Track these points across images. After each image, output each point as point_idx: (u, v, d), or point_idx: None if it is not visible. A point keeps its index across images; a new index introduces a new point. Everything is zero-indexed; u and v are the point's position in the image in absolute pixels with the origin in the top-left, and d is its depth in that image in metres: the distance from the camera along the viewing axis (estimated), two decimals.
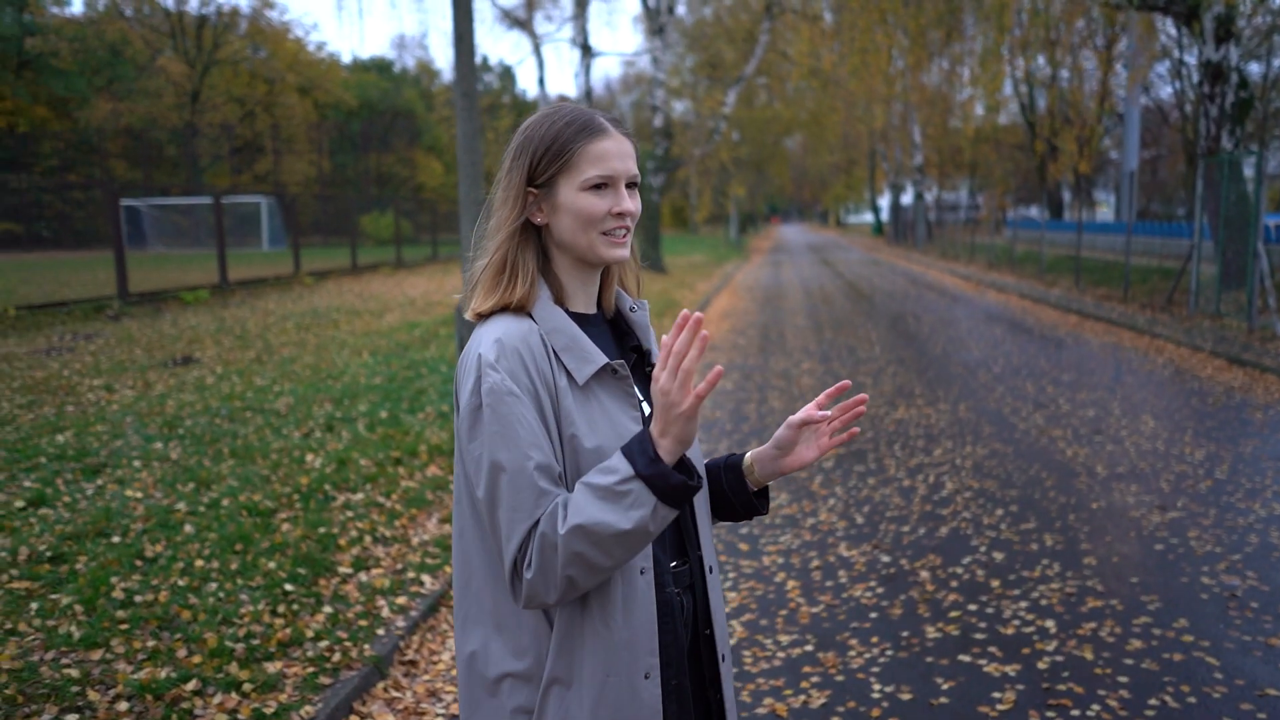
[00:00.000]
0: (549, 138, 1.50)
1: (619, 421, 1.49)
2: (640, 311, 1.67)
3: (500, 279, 1.50)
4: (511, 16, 27.77)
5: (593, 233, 1.50)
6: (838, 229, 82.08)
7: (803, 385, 9.41)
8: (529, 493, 1.37)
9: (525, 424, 1.39)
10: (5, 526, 4.55)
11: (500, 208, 1.52)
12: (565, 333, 1.48)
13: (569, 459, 1.45)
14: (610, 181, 1.50)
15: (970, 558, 4.69)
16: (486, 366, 1.41)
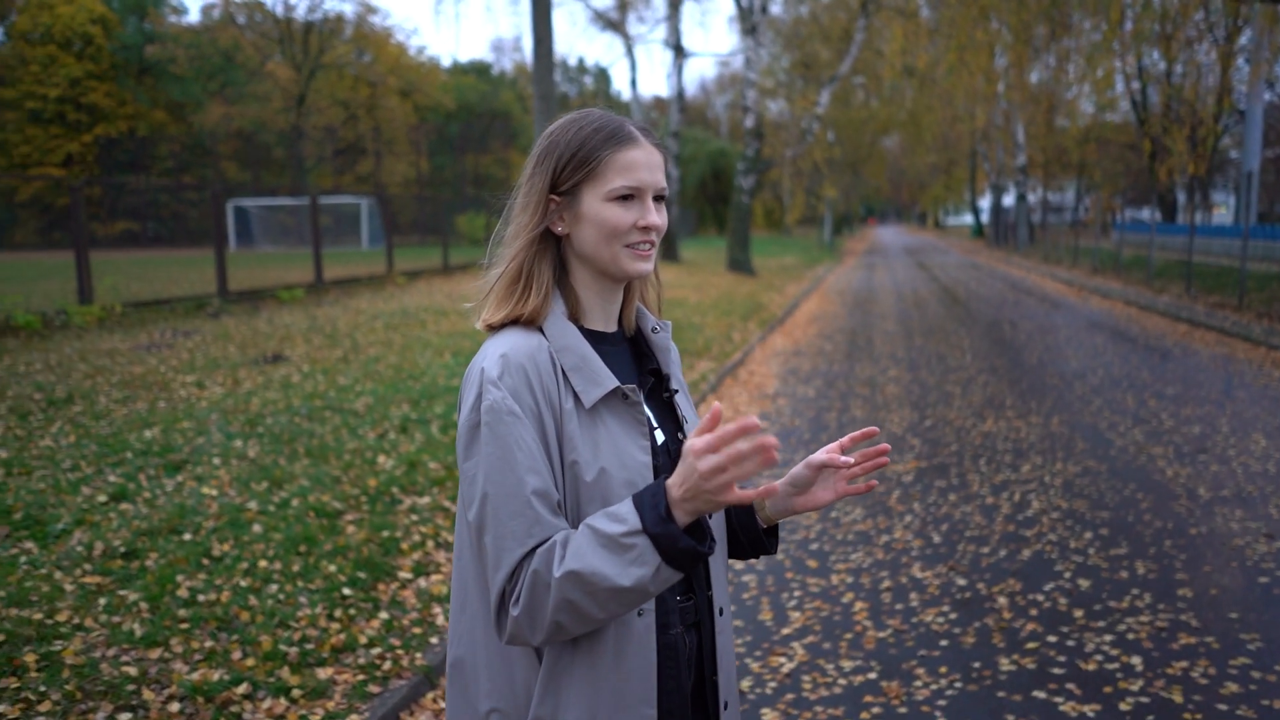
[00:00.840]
0: (575, 143, 1.41)
1: (625, 450, 1.39)
2: (662, 333, 1.57)
3: (514, 289, 1.43)
4: (604, 18, 27.88)
5: (616, 245, 1.42)
6: (936, 231, 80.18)
7: (888, 394, 9.13)
8: (521, 520, 1.29)
9: (524, 446, 1.31)
10: (86, 520, 4.68)
11: (519, 214, 1.45)
12: (575, 351, 1.40)
13: (569, 486, 1.36)
14: (637, 193, 1.42)
15: (1053, 584, 4.43)
16: (488, 383, 1.34)
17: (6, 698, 3.11)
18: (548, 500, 1.31)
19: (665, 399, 1.55)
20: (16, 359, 9.04)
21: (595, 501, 1.35)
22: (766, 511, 1.60)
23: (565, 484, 1.36)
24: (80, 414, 6.97)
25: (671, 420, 1.53)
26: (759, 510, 1.61)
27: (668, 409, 1.54)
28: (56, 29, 40.91)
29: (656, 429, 1.49)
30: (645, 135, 1.45)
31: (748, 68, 23.35)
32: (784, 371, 10.62)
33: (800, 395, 9.22)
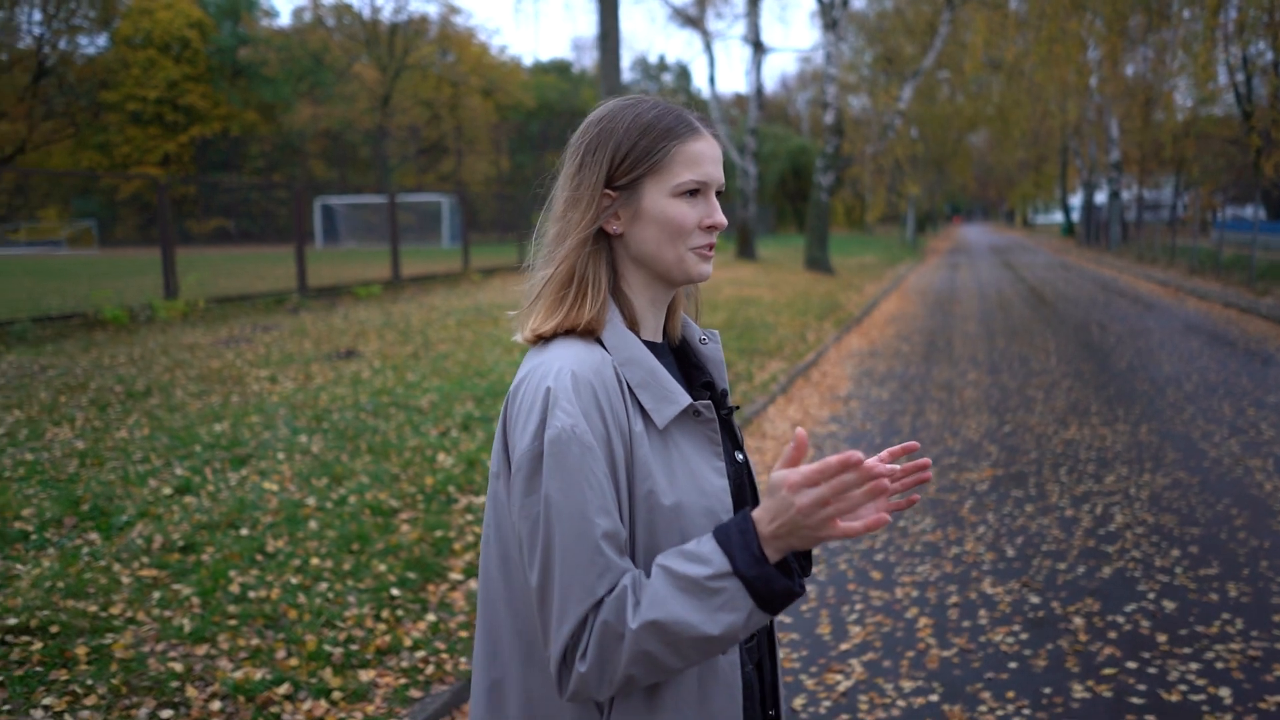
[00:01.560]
0: (635, 131, 1.28)
1: (701, 474, 1.26)
2: (712, 344, 1.44)
3: (565, 295, 1.28)
4: (683, 14, 27.73)
5: (681, 246, 1.29)
6: (1024, 229, 78.01)
7: (965, 398, 8.81)
8: (591, 569, 1.15)
9: (594, 482, 1.16)
10: (150, 513, 4.75)
11: (569, 211, 1.30)
12: (643, 365, 1.26)
13: (642, 517, 1.21)
14: (703, 189, 1.29)
15: (1135, 605, 4.16)
16: (555, 405, 1.18)
17: (56, 690, 3.14)
18: (617, 542, 1.18)
19: (723, 416, 1.40)
20: (103, 352, 9.32)
21: (673, 533, 1.22)
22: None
23: (636, 516, 1.22)
24: (156, 406, 7.13)
25: (729, 439, 1.39)
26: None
27: (725, 427, 1.40)
28: (156, 33, 42.49)
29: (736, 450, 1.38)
30: (707, 126, 1.33)
31: (828, 63, 22.95)
32: (858, 373, 10.35)
33: (874, 398, 8.96)
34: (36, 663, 3.27)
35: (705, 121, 1.33)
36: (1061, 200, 58.29)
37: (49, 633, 3.46)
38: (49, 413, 6.80)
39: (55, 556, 4.16)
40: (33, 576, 3.91)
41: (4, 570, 4.00)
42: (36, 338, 9.75)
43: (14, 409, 6.89)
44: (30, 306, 11.57)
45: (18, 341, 9.48)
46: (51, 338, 9.91)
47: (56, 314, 10.82)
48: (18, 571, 3.99)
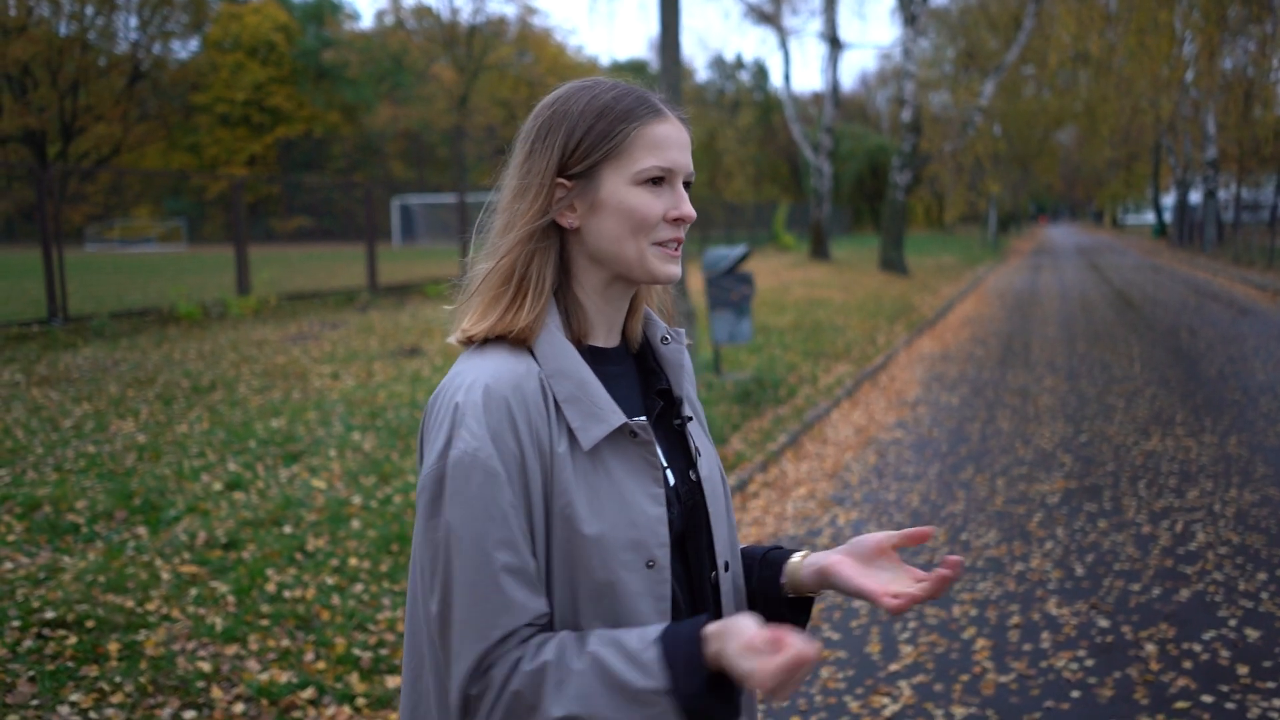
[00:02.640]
0: (592, 114, 1.15)
1: (633, 501, 1.12)
2: (675, 344, 1.27)
3: (503, 294, 1.15)
4: (758, 11, 27.42)
5: (644, 241, 1.15)
6: (1113, 230, 75.42)
7: (1040, 404, 8.44)
8: (489, 605, 1.05)
9: (496, 512, 1.05)
10: (198, 508, 4.78)
11: (516, 200, 1.17)
12: (573, 377, 1.13)
13: (560, 548, 1.09)
14: (669, 176, 1.15)
15: (1214, 633, 3.86)
16: (461, 424, 1.07)
17: (85, 686, 3.13)
18: (524, 576, 1.07)
19: (678, 426, 1.26)
20: (174, 347, 9.53)
21: (594, 567, 1.09)
22: (800, 576, 1.26)
23: (554, 545, 1.10)
24: (219, 401, 7.23)
25: (682, 454, 1.24)
26: (790, 578, 1.27)
27: (678, 439, 1.25)
28: (244, 37, 43.78)
29: (666, 468, 1.21)
30: (672, 109, 1.19)
31: (906, 59, 22.44)
32: (928, 377, 10.03)
33: (943, 403, 8.65)
34: (69, 658, 3.28)
35: (670, 104, 1.19)
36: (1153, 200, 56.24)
37: (84, 627, 3.46)
38: (115, 406, 6.95)
39: (102, 550, 4.20)
40: (76, 570, 3.94)
41: (51, 562, 4.05)
42: (113, 332, 10.02)
43: (84, 401, 7.05)
44: (115, 302, 11.92)
45: (95, 336, 9.75)
46: (128, 332, 10.18)
47: (133, 309, 11.11)
48: (64, 564, 4.03)
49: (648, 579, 1.12)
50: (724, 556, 1.24)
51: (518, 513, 1.07)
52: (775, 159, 59.54)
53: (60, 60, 39.94)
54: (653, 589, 1.12)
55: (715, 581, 1.23)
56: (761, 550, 1.33)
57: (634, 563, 1.11)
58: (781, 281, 19.37)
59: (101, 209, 37.49)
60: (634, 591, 1.11)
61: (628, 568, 1.10)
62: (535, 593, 1.08)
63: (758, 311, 13.57)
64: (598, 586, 1.10)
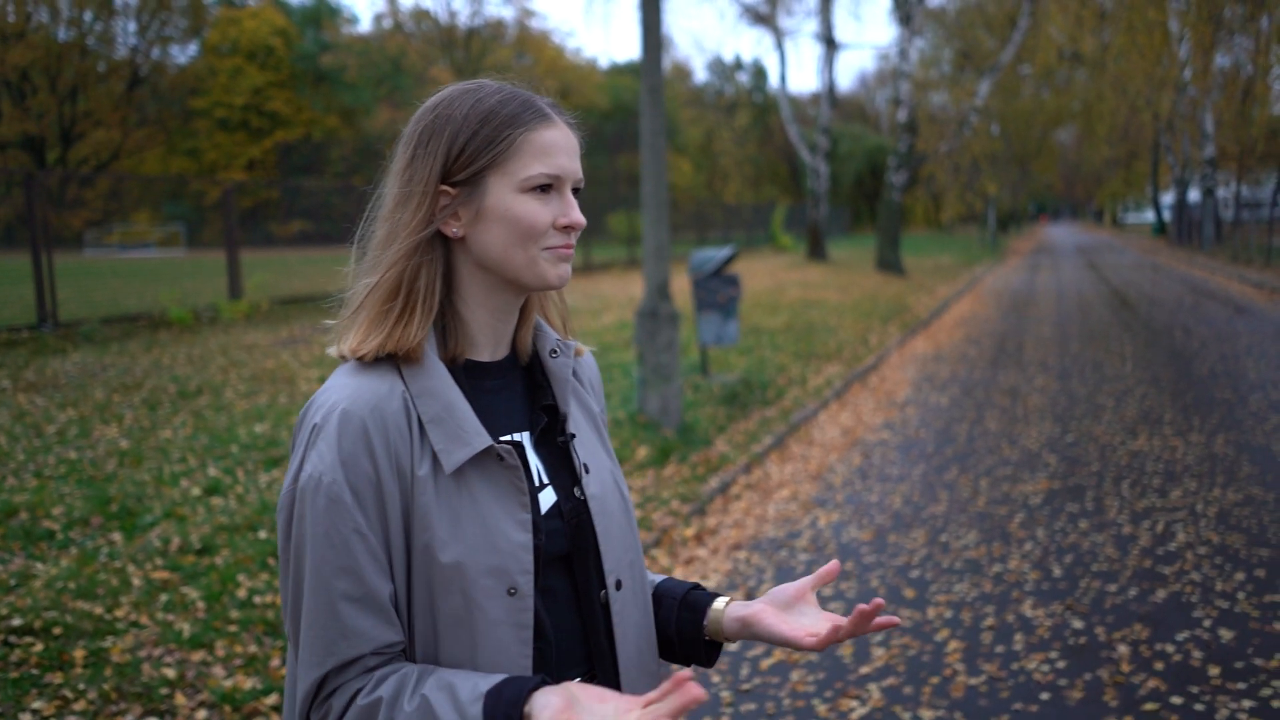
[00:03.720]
0: (476, 118, 1.12)
1: (496, 526, 1.09)
2: (563, 357, 1.24)
3: (390, 309, 1.12)
4: (754, 12, 27.41)
5: (533, 249, 1.12)
6: (1113, 229, 75.34)
7: (1030, 404, 8.42)
8: (326, 632, 1.04)
9: (338, 539, 1.04)
10: (175, 514, 4.77)
11: (397, 209, 1.14)
12: (440, 398, 1.10)
13: (420, 573, 1.08)
14: (556, 183, 1.13)
15: (1188, 633, 3.84)
16: (313, 448, 1.06)
17: (48, 694, 3.12)
18: (368, 605, 1.06)
19: (561, 444, 1.22)
20: (164, 352, 9.53)
21: (454, 593, 1.08)
22: (723, 625, 1.26)
23: (414, 571, 1.09)
24: (205, 406, 7.22)
25: (568, 471, 1.21)
26: (711, 625, 1.27)
27: (563, 456, 1.22)
28: (243, 42, 43.78)
29: (547, 485, 1.19)
30: (559, 114, 1.17)
31: (902, 59, 22.42)
32: (919, 378, 10.01)
33: (932, 404, 8.63)
34: (34, 665, 3.27)
35: (558, 109, 1.18)
36: (1153, 199, 56.17)
37: (51, 634, 3.46)
38: (100, 412, 6.94)
39: (75, 556, 4.19)
40: (48, 576, 3.93)
41: (23, 569, 4.04)
42: (104, 338, 10.02)
43: (69, 407, 7.05)
44: (110, 307, 11.90)
45: (85, 341, 9.75)
46: (118, 338, 10.18)
47: (123, 315, 11.11)
48: (36, 571, 4.03)
49: (509, 607, 1.09)
50: (616, 574, 1.21)
51: (366, 539, 1.06)
52: (774, 160, 59.50)
53: (59, 66, 40.01)
54: (514, 617, 1.10)
55: (605, 600, 1.20)
56: (682, 590, 1.32)
57: (494, 589, 1.09)
58: (777, 282, 19.35)
59: (101, 214, 37.48)
60: (494, 619, 1.09)
61: (488, 595, 1.08)
62: (382, 621, 1.06)
63: (750, 313, 13.56)
64: (456, 614, 1.08)
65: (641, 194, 6.68)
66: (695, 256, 8.80)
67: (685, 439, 6.65)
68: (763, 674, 3.66)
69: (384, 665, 1.07)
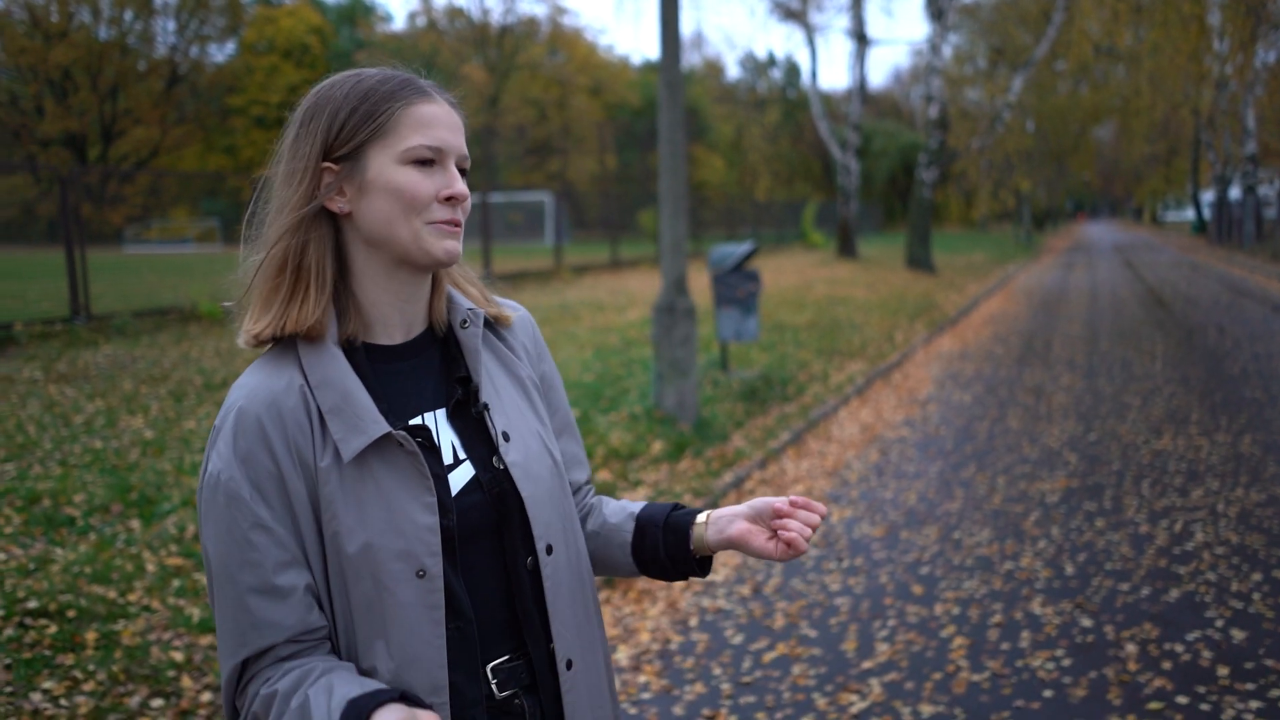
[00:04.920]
0: (356, 96, 1.14)
1: (401, 510, 1.11)
2: (472, 326, 1.23)
3: (279, 287, 1.13)
4: (784, 8, 27.26)
5: (416, 221, 1.13)
6: (1152, 227, 74.15)
7: (1054, 403, 8.33)
8: (237, 624, 1.09)
9: (239, 534, 1.07)
10: (192, 502, 4.85)
11: (283, 187, 1.15)
12: (336, 387, 1.11)
13: (332, 562, 1.10)
14: (439, 157, 1.14)
15: (1199, 633, 3.79)
16: (214, 448, 1.10)
17: (59, 674, 3.19)
18: (275, 596, 1.08)
19: (476, 414, 1.22)
20: (193, 345, 9.69)
21: (364, 579, 1.10)
22: (706, 540, 1.31)
23: (328, 559, 1.11)
24: None
25: (484, 442, 1.22)
26: (697, 541, 1.32)
27: (479, 427, 1.22)
28: (279, 40, 44.30)
29: (464, 461, 1.19)
30: (439, 92, 1.19)
31: (934, 55, 22.22)
32: (943, 375, 9.93)
33: (954, 401, 8.56)
34: (47, 646, 3.34)
35: (439, 89, 1.19)
36: (1193, 196, 55.24)
37: (65, 617, 3.53)
38: (127, 402, 7.07)
39: (94, 542, 4.28)
40: (65, 561, 4.02)
41: (43, 554, 4.13)
42: (135, 330, 10.20)
43: (97, 398, 7.19)
44: (145, 301, 12.10)
45: (117, 334, 9.93)
46: (149, 330, 10.36)
47: (154, 308, 11.30)
48: (55, 556, 4.11)
49: (418, 589, 1.11)
50: (546, 539, 1.22)
51: (271, 533, 1.09)
52: (806, 157, 59.19)
53: (100, 64, 40.70)
54: (424, 598, 1.11)
55: (533, 567, 1.22)
56: (663, 514, 1.35)
57: (403, 573, 1.10)
58: (804, 279, 19.26)
59: (140, 210, 38.08)
60: (404, 603, 1.11)
61: (396, 578, 1.10)
62: (291, 611, 1.09)
63: (775, 309, 13.51)
64: (368, 599, 1.11)
65: (659, 189, 6.69)
66: (715, 252, 8.79)
67: (701, 434, 6.65)
68: (764, 667, 3.66)
69: (301, 654, 1.10)
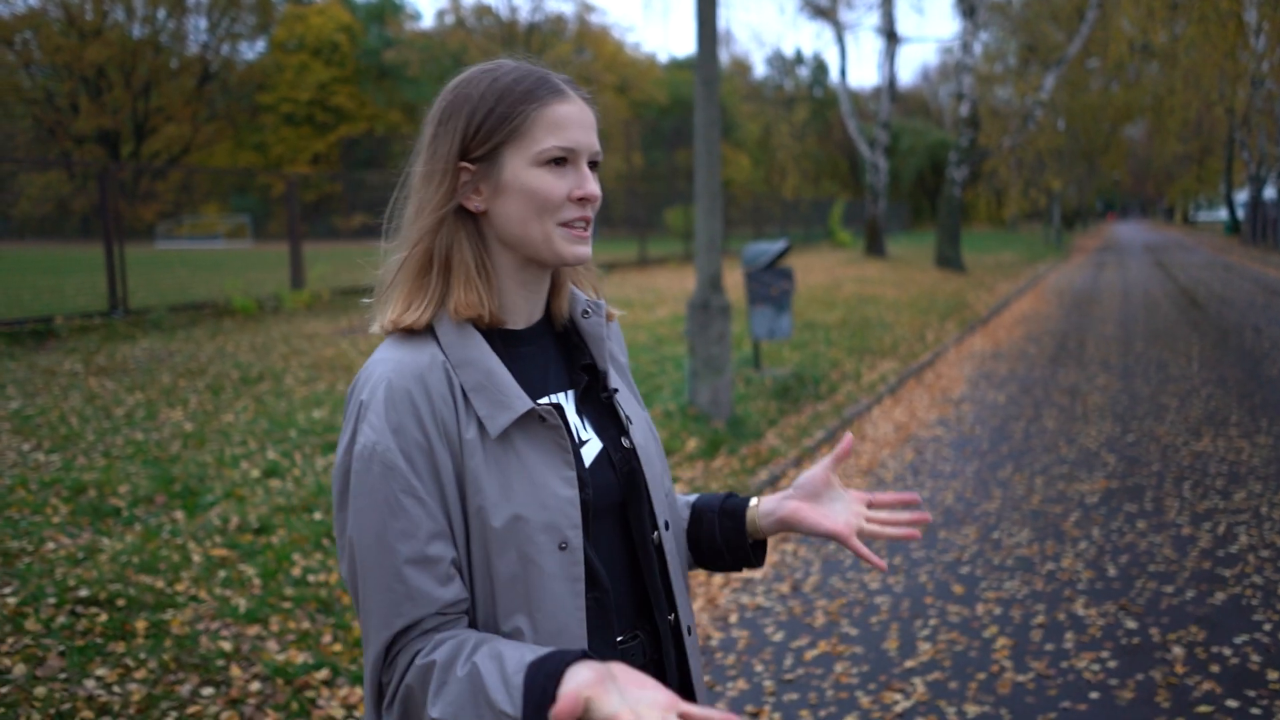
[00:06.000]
0: (492, 96, 1.16)
1: (544, 484, 1.14)
2: (595, 317, 1.28)
3: (425, 280, 1.17)
4: (814, 5, 27.16)
5: (549, 222, 1.16)
6: (1184, 227, 73.29)
7: (1090, 403, 8.25)
8: (390, 596, 1.09)
9: (395, 505, 1.09)
10: (235, 494, 4.91)
11: (423, 186, 1.19)
12: (479, 366, 1.15)
13: (476, 535, 1.12)
14: (571, 157, 1.17)
15: (1246, 636, 3.74)
16: (364, 419, 1.11)
17: (111, 661, 3.24)
18: (428, 567, 1.10)
19: (604, 399, 1.29)
20: (228, 339, 9.78)
21: (509, 551, 1.12)
22: (759, 523, 1.35)
23: (471, 532, 1.13)
24: (265, 392, 7.41)
25: (613, 423, 1.28)
26: (750, 525, 1.36)
27: (608, 411, 1.29)
28: (309, 38, 44.64)
29: (590, 440, 1.24)
30: (574, 89, 1.21)
31: (965, 52, 22.05)
32: (976, 375, 9.86)
33: (988, 401, 8.50)
34: (98, 634, 3.39)
35: (575, 86, 1.21)
36: (1226, 196, 54.51)
37: (115, 606, 3.58)
38: (166, 396, 7.16)
39: (139, 532, 4.34)
40: (113, 551, 4.07)
41: (91, 544, 4.19)
42: (171, 325, 10.32)
43: (137, 391, 7.28)
44: (178, 295, 12.25)
45: (153, 328, 10.05)
46: (184, 325, 10.47)
47: (190, 303, 11.42)
48: (103, 545, 4.17)
49: (561, 561, 1.14)
50: (663, 516, 1.28)
51: (424, 503, 1.10)
52: (833, 155, 58.96)
53: (134, 62, 41.18)
54: (566, 570, 1.14)
55: (658, 541, 1.27)
56: (718, 501, 1.39)
57: (547, 545, 1.13)
58: (833, 278, 19.18)
59: (172, 207, 38.48)
60: (548, 574, 1.13)
61: (541, 550, 1.13)
62: (443, 583, 1.10)
63: (805, 308, 13.47)
64: (512, 572, 1.13)
65: (695, 186, 6.68)
66: (749, 250, 8.78)
67: (735, 431, 6.65)
68: (806, 665, 3.65)
69: (445, 627, 1.11)
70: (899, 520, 1.31)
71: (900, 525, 1.31)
